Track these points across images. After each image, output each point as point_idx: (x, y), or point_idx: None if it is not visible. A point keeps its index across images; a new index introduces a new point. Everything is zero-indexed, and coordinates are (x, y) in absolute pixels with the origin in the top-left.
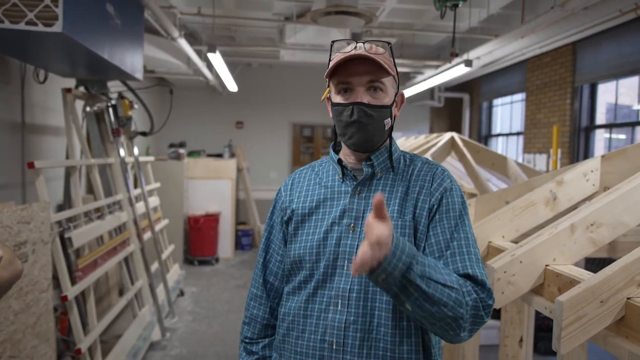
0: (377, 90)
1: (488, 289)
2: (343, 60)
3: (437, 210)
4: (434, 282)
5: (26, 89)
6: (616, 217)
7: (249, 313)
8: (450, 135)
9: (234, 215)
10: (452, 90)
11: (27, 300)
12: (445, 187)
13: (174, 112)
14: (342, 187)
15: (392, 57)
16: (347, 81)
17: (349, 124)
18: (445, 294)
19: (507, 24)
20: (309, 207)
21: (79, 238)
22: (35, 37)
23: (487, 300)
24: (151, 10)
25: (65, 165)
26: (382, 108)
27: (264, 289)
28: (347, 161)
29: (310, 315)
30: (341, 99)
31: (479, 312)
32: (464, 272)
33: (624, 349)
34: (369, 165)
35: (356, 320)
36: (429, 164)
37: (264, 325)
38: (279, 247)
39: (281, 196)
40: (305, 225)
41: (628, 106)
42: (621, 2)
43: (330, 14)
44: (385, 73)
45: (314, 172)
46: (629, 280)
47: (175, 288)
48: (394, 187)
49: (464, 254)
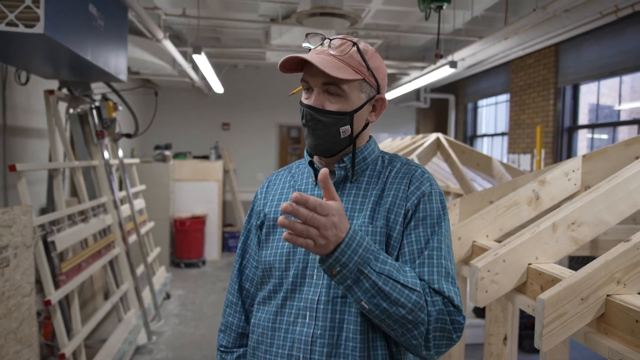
0: (333, 94)
1: (456, 305)
2: (290, 61)
3: (413, 217)
4: (392, 280)
5: (7, 91)
6: (597, 216)
7: (224, 320)
8: (436, 136)
9: (221, 217)
10: (437, 92)
11: (9, 305)
12: (424, 192)
13: (159, 113)
14: (315, 190)
15: (362, 58)
16: (305, 80)
17: (303, 125)
18: (404, 295)
19: (491, 26)
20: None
21: (63, 241)
22: (17, 38)
23: (456, 316)
24: (135, 12)
25: (48, 167)
26: (336, 114)
27: (239, 296)
28: (319, 163)
29: (279, 328)
30: (304, 97)
31: (446, 325)
32: (430, 286)
33: (604, 345)
34: (342, 168)
35: (323, 333)
36: (408, 165)
37: (239, 333)
38: (255, 252)
39: (257, 199)
40: (277, 230)
41: (609, 106)
42: (601, 4)
43: (315, 16)
44: (342, 78)
45: (290, 174)
46: (608, 277)
47: (161, 291)
48: (368, 190)
49: (433, 265)
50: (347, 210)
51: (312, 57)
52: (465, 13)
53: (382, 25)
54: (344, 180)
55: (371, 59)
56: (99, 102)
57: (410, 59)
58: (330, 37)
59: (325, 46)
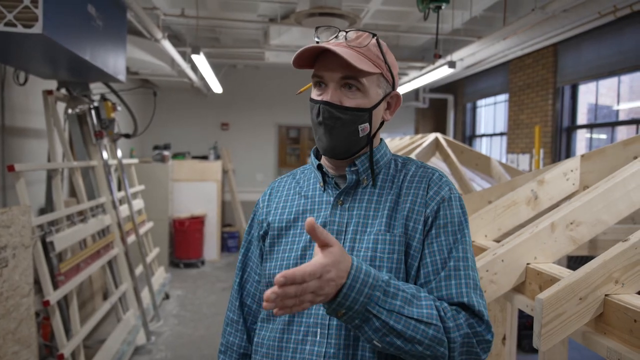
0: (352, 89)
1: (486, 321)
2: (307, 52)
3: (434, 224)
4: (405, 317)
5: (6, 91)
6: (595, 216)
7: (224, 340)
8: (435, 136)
9: (220, 218)
10: (436, 92)
11: (8, 305)
12: (443, 197)
13: (158, 114)
14: (323, 196)
15: (380, 51)
16: (319, 75)
17: (317, 124)
18: (420, 331)
19: (490, 26)
20: (287, 220)
21: (61, 242)
22: (15, 38)
23: (485, 335)
24: (134, 12)
25: (46, 168)
26: (356, 111)
27: (240, 313)
28: (328, 167)
29: (286, 347)
30: (315, 94)
31: (472, 348)
32: (459, 300)
33: (603, 344)
34: (353, 172)
35: (337, 353)
36: (424, 169)
37: (241, 354)
38: (257, 265)
39: (259, 208)
40: (282, 241)
41: (608, 106)
42: (600, 4)
43: (314, 16)
44: (364, 70)
45: (295, 180)
46: (607, 277)
47: (160, 291)
48: (382, 196)
49: (460, 277)
50: (360, 217)
51: (334, 48)
52: (464, 13)
53: (381, 26)
54: (356, 185)
55: (387, 53)
56: (98, 103)
57: (409, 59)
58: (345, 30)
59: (340, 39)
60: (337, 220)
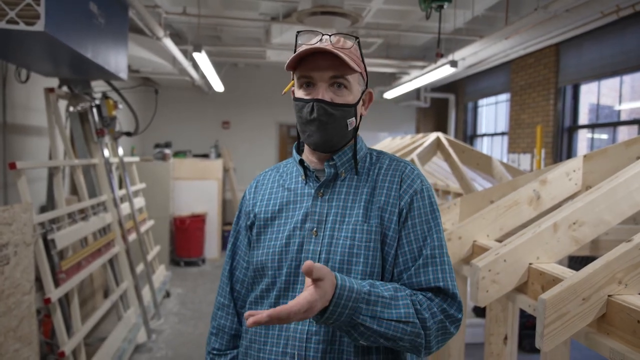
0: (340, 87)
1: (459, 301)
2: (305, 54)
3: (408, 216)
4: (386, 320)
5: (7, 89)
6: (598, 216)
7: (216, 323)
8: (436, 135)
9: (221, 216)
10: (438, 91)
11: (9, 303)
12: (416, 189)
13: (159, 112)
14: (305, 189)
15: (360, 52)
16: (309, 75)
17: (309, 121)
18: (400, 330)
19: (492, 26)
20: (272, 211)
21: (63, 240)
22: (17, 36)
23: (457, 315)
24: (136, 10)
25: (48, 165)
26: (345, 107)
27: (230, 298)
28: (309, 161)
29: (272, 326)
30: (303, 93)
31: (447, 330)
32: (435, 284)
33: (606, 345)
34: (332, 166)
35: (318, 330)
36: (397, 162)
37: (232, 335)
38: (245, 253)
39: (246, 199)
40: (268, 230)
41: (610, 106)
42: (602, 4)
43: (316, 14)
44: (350, 69)
45: (279, 173)
46: (610, 277)
47: (161, 289)
48: (359, 188)
49: (436, 264)
50: (339, 208)
51: (334, 50)
52: (466, 12)
53: (383, 25)
54: (335, 178)
55: (363, 54)
56: (99, 100)
57: (411, 58)
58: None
59: (325, 42)
60: (318, 210)
